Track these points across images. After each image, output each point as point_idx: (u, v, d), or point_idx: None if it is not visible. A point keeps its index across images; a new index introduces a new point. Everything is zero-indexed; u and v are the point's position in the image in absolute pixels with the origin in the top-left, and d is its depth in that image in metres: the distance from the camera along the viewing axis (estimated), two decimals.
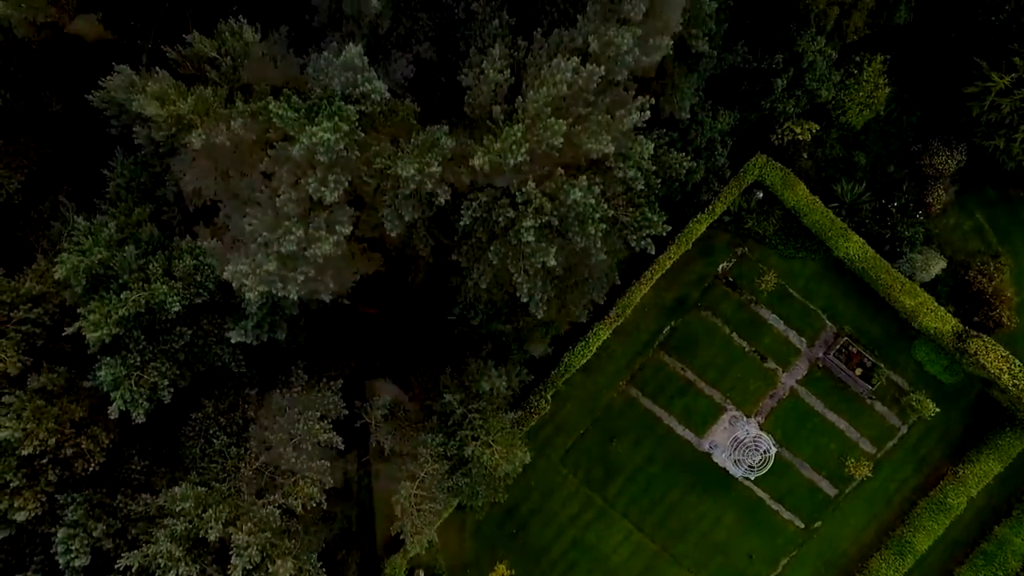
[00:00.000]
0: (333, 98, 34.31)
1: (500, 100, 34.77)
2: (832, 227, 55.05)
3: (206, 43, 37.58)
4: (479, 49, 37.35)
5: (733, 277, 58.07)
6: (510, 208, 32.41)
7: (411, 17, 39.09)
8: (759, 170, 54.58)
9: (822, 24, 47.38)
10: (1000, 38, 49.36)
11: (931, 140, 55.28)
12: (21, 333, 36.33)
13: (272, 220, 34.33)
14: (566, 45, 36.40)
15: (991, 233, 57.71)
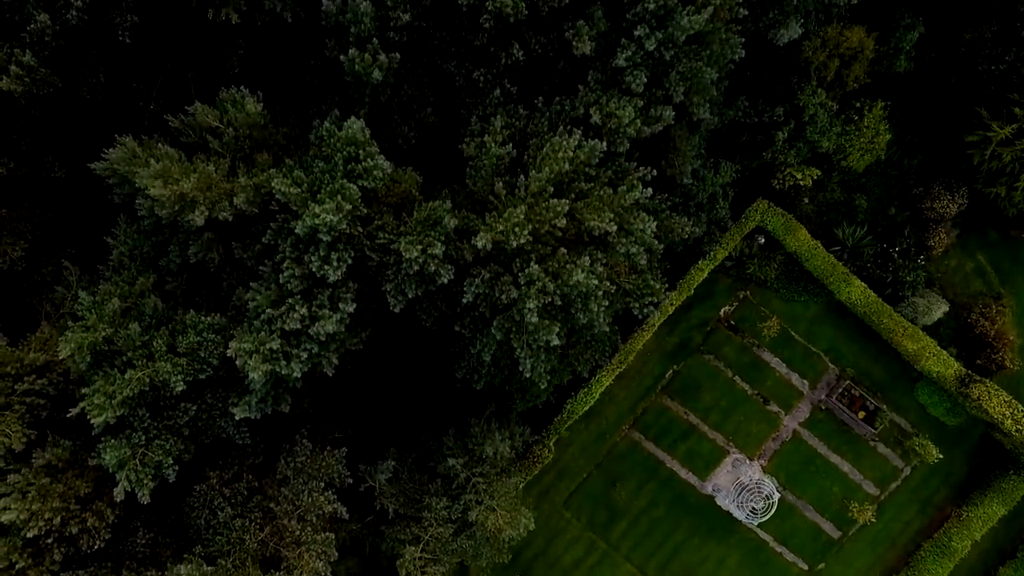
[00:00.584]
0: (335, 173, 34.37)
1: (502, 173, 34.85)
2: (834, 272, 55.08)
3: (208, 113, 37.68)
4: (480, 117, 37.43)
5: (735, 321, 58.11)
6: (513, 287, 32.48)
7: (413, 83, 39.18)
8: (760, 216, 54.63)
9: (822, 76, 47.47)
10: (1000, 87, 49.43)
11: (932, 184, 55.33)
12: (26, 405, 36.41)
13: (275, 295, 34.41)
14: (567, 114, 36.47)
15: (993, 275, 57.75)
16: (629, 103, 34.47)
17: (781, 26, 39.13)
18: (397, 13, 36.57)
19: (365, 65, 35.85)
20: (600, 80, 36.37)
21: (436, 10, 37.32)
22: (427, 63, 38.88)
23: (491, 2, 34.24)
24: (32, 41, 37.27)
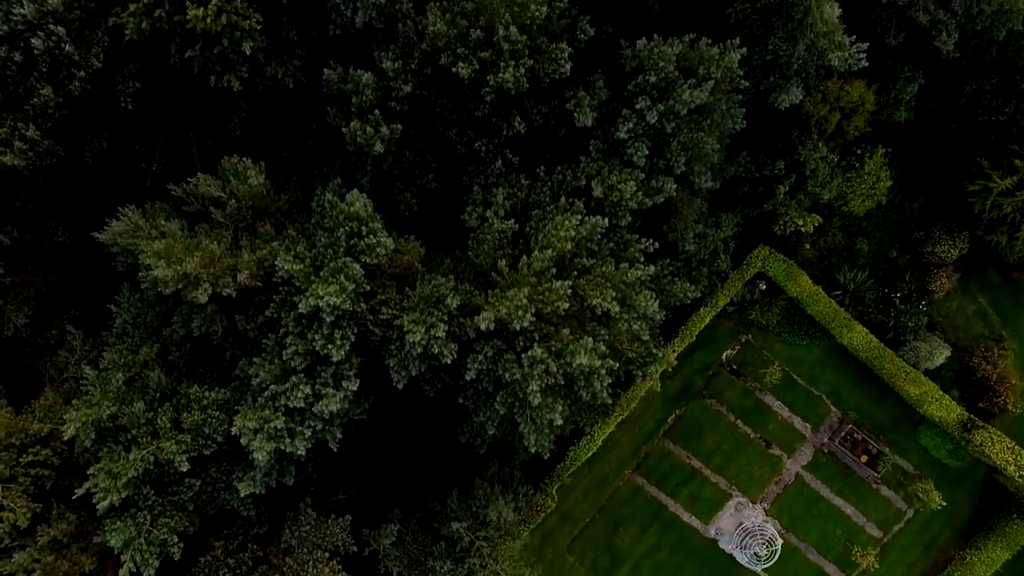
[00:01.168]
0: (338, 248, 34.47)
1: (504, 246, 34.96)
2: (836, 317, 55.12)
3: (211, 183, 37.80)
4: (482, 186, 37.54)
5: (737, 365, 58.17)
6: (516, 367, 32.59)
7: (415, 149, 39.29)
8: (762, 262, 54.70)
9: (823, 128, 47.55)
10: (1001, 137, 49.50)
11: (933, 228, 55.38)
12: (30, 477, 36.52)
13: (279, 370, 34.50)
14: (569, 184, 36.56)
15: (994, 317, 57.79)
16: (631, 176, 34.59)
17: (782, 90, 39.22)
18: (398, 84, 36.70)
19: (367, 137, 35.97)
20: (601, 149, 36.50)
21: (437, 80, 37.42)
22: (428, 129, 39.00)
23: (492, 77, 34.35)
24: (35, 114, 37.41)
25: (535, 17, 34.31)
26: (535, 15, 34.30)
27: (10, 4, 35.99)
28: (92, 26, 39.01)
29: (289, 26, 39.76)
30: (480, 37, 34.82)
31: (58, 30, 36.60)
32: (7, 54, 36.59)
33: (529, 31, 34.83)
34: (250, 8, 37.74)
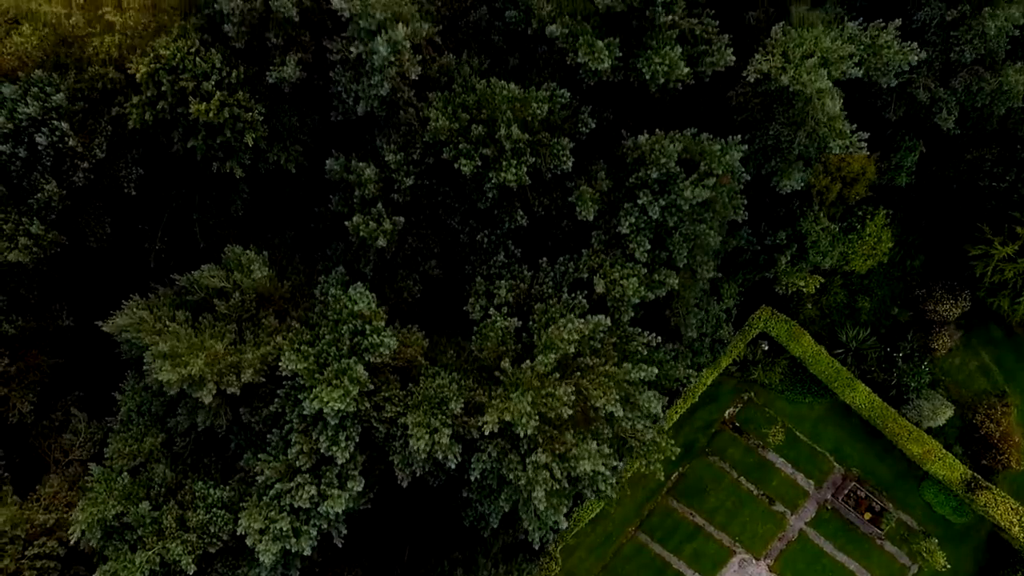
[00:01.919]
0: (342, 346, 34.60)
1: (508, 342, 35.10)
2: (838, 377, 55.21)
3: (215, 274, 37.92)
4: (484, 277, 37.67)
5: (739, 422, 58.24)
6: (520, 469, 32.71)
7: (417, 236, 39.42)
8: (764, 323, 54.81)
9: (825, 197, 47.68)
10: (1001, 203, 49.60)
11: (935, 286, 55.47)
12: (36, 571, 36.65)
13: (284, 467, 34.62)
14: (571, 275, 36.69)
15: (997, 372, 57.88)
16: (633, 271, 34.74)
17: (783, 175, 39.37)
18: (400, 176, 36.85)
19: (370, 231, 36.12)
20: (603, 240, 36.63)
21: (439, 170, 37.56)
22: (431, 217, 39.15)
23: (495, 174, 34.49)
24: (39, 208, 37.58)
25: (536, 114, 34.45)
26: (536, 112, 34.44)
27: (15, 103, 36.17)
28: (96, 115, 39.26)
29: (291, 112, 39.98)
30: (482, 133, 34.97)
31: (62, 125, 36.82)
32: (11, 150, 36.79)
33: (530, 127, 34.98)
34: (252, 99, 37.97)
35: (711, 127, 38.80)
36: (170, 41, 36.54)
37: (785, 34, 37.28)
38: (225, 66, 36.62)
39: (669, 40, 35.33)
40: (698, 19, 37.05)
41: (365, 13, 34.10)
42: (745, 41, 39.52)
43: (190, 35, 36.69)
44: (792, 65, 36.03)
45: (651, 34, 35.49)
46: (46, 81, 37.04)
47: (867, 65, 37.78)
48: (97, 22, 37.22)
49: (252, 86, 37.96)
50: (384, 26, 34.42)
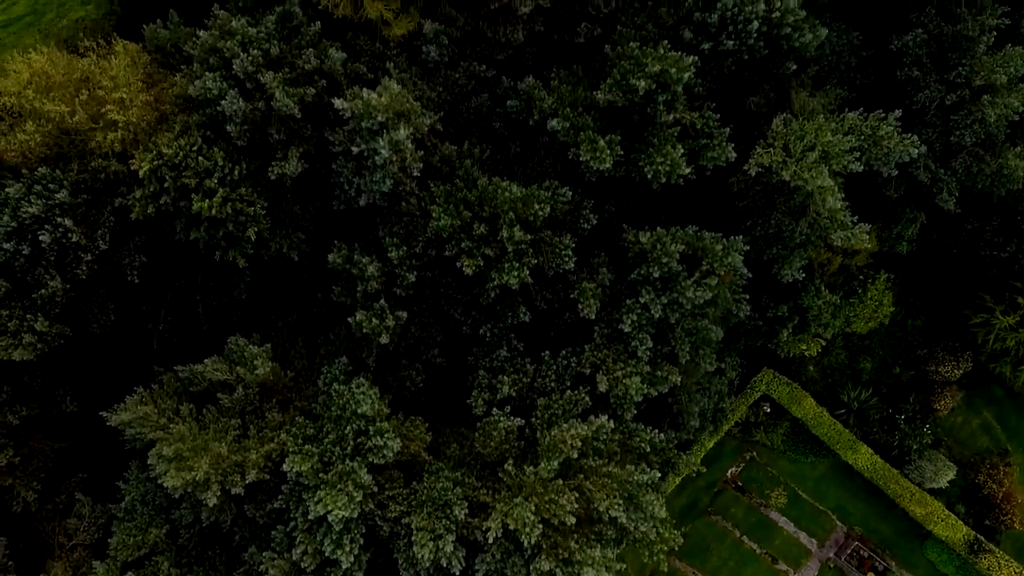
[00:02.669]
0: (346, 445, 34.72)
1: (511, 441, 35.23)
2: (840, 439, 55.29)
3: (219, 366, 38.04)
4: (487, 370, 37.76)
5: (742, 481, 58.28)
6: (524, 574, 32.78)
7: (420, 325, 39.52)
8: (766, 386, 54.93)
9: (826, 269, 47.77)
10: (1003, 271, 49.66)
11: (936, 348, 55.53)
12: None
13: (289, 568, 34.72)
14: (574, 369, 36.80)
15: (999, 430, 57.92)
16: (635, 369, 34.87)
17: (785, 263, 39.48)
18: (403, 271, 36.95)
19: (372, 328, 36.22)
20: (605, 334, 36.74)
21: (442, 263, 37.65)
22: (434, 306, 39.25)
23: (497, 275, 34.60)
24: (43, 303, 37.68)
25: (539, 215, 34.58)
26: (539, 213, 34.56)
27: (18, 202, 36.30)
28: (98, 206, 39.36)
29: (293, 201, 40.07)
30: (484, 232, 35.09)
31: (65, 222, 36.93)
32: (15, 247, 36.91)
33: (532, 226, 35.09)
34: (255, 193, 38.07)
35: (712, 213, 38.94)
36: (172, 138, 36.67)
37: (786, 125, 37.39)
38: (227, 163, 36.74)
39: (670, 138, 35.46)
40: (699, 112, 37.17)
41: (367, 113, 34.22)
42: (746, 128, 39.65)
43: (192, 132, 36.82)
44: (793, 159, 36.16)
45: (652, 131, 35.63)
46: (49, 178, 37.20)
47: (868, 155, 37.90)
48: (100, 118, 37.32)
49: (254, 179, 38.07)
50: (386, 126, 34.56)
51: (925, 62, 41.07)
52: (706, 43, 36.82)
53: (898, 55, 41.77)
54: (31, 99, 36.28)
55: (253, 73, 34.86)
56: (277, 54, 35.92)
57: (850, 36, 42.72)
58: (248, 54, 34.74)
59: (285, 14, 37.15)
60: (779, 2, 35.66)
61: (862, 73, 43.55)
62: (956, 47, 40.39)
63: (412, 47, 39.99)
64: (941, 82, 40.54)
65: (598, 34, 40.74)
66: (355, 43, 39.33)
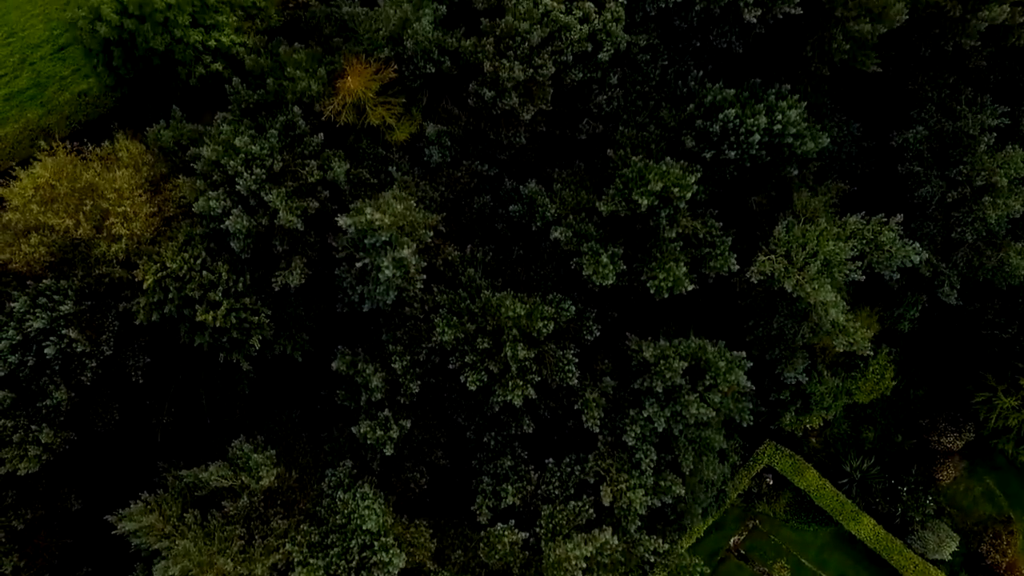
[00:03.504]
0: (351, 558, 34.82)
1: (516, 552, 35.33)
2: (843, 510, 55.37)
3: (223, 472, 38.13)
4: (491, 476, 37.85)
5: (745, 549, 58.33)
6: None
7: (424, 428, 39.61)
8: (768, 458, 55.01)
9: (828, 353, 47.86)
10: (1005, 350, 49.75)
11: (938, 418, 55.64)
12: None
13: None
14: (577, 477, 36.90)
15: (1002, 498, 58.01)
16: (639, 480, 35.01)
17: (787, 364, 39.59)
18: (407, 381, 37.04)
19: (377, 438, 36.35)
20: (608, 442, 36.82)
21: (445, 371, 37.73)
22: (437, 410, 39.35)
23: (501, 392, 34.72)
24: (48, 413, 37.79)
25: (542, 331, 34.71)
26: (542, 330, 34.69)
27: (23, 315, 36.43)
28: (103, 311, 39.51)
29: (297, 304, 40.16)
30: (488, 346, 35.19)
31: (70, 333, 37.06)
32: (21, 359, 37.03)
33: (536, 341, 35.22)
34: (259, 301, 38.20)
35: (714, 313, 39.05)
36: (176, 251, 36.82)
37: (788, 231, 37.50)
38: (231, 275, 36.89)
39: (673, 252, 35.60)
40: (701, 219, 37.30)
41: (371, 231, 34.34)
42: (748, 227, 39.78)
43: (196, 244, 36.96)
44: (795, 268, 36.26)
45: (655, 243, 35.76)
46: (54, 289, 37.34)
47: (870, 258, 38.00)
48: (104, 228, 37.42)
49: (258, 287, 38.19)
50: (391, 242, 34.68)
51: (926, 157, 41.20)
52: (708, 151, 36.99)
53: (899, 150, 41.90)
54: (35, 212, 36.40)
55: (256, 191, 34.97)
56: (280, 168, 36.03)
57: (851, 128, 42.88)
58: (251, 172, 34.87)
59: (287, 123, 37.30)
60: (781, 114, 35.81)
61: (863, 163, 43.71)
62: (957, 144, 40.55)
63: (414, 148, 40.14)
64: (942, 178, 40.69)
65: (600, 131, 40.92)
66: (357, 146, 39.47)
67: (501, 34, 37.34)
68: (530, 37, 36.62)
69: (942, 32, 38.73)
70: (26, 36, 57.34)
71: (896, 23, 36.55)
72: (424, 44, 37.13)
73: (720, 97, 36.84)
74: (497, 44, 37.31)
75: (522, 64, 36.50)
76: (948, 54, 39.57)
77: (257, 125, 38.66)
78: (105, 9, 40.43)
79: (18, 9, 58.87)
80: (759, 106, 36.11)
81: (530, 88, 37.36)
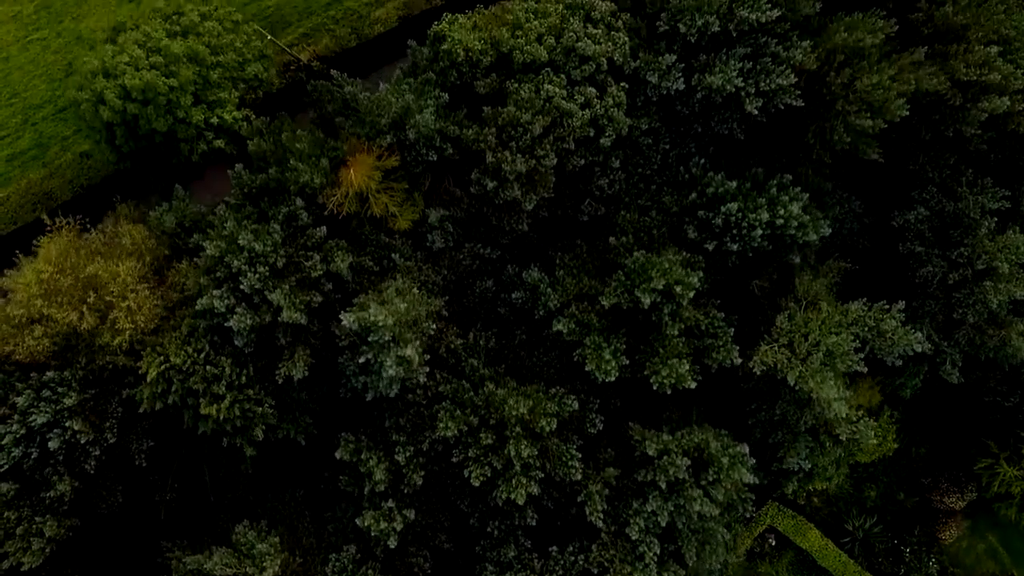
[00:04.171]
0: None
1: None
2: (846, 570, 55.36)
3: (228, 560, 38.12)
4: (494, 564, 37.85)
5: None
6: None
7: (427, 513, 39.63)
8: (771, 518, 55.02)
9: (831, 425, 47.82)
10: (1007, 418, 49.76)
11: (940, 478, 55.63)
12: None
13: None
14: (581, 567, 36.91)
15: (1005, 555, 57.97)
16: (642, 573, 35.00)
17: (790, 449, 39.64)
18: (410, 472, 37.07)
19: (381, 530, 36.37)
20: (612, 531, 36.83)
21: (449, 460, 37.72)
22: (441, 496, 39.36)
23: (505, 488, 34.75)
24: (52, 504, 37.81)
25: (545, 429, 34.77)
26: (545, 427, 34.76)
27: (27, 411, 36.47)
28: (106, 397, 39.57)
29: (300, 389, 40.20)
30: (491, 442, 35.23)
31: (73, 426, 37.11)
32: (24, 451, 37.07)
33: (539, 436, 35.27)
34: (262, 391, 38.24)
35: (717, 396, 39.09)
36: (180, 344, 36.85)
37: (790, 320, 37.54)
38: (235, 368, 36.93)
39: (676, 348, 35.65)
40: (704, 311, 37.36)
41: (375, 329, 34.38)
42: (750, 311, 39.81)
43: (199, 338, 37.01)
44: (798, 359, 36.31)
45: (658, 337, 35.83)
46: (58, 381, 37.40)
47: (872, 344, 38.03)
48: (108, 319, 37.45)
49: (262, 376, 38.22)
50: (395, 339, 34.73)
51: (927, 237, 41.26)
52: (710, 242, 37.07)
53: (900, 229, 41.96)
54: (39, 307, 36.43)
55: (260, 289, 35.03)
56: (284, 263, 36.09)
57: (852, 204, 42.93)
58: (255, 272, 34.93)
59: (290, 214, 37.35)
60: (783, 208, 35.88)
61: (864, 238, 43.75)
62: (958, 224, 40.63)
63: (417, 233, 40.19)
64: (943, 258, 40.75)
65: (602, 213, 40.99)
66: (360, 232, 39.52)
67: (503, 124, 37.43)
68: (532, 128, 36.71)
69: (942, 118, 38.84)
70: (28, 96, 57.42)
71: (897, 118, 36.68)
72: (427, 132, 37.22)
73: (722, 190, 36.94)
74: (499, 134, 37.39)
75: (524, 156, 36.59)
76: (949, 137, 39.65)
77: (260, 211, 38.77)
78: (109, 94, 40.51)
79: (20, 70, 58.95)
80: (761, 200, 36.19)
81: (532, 178, 37.43)
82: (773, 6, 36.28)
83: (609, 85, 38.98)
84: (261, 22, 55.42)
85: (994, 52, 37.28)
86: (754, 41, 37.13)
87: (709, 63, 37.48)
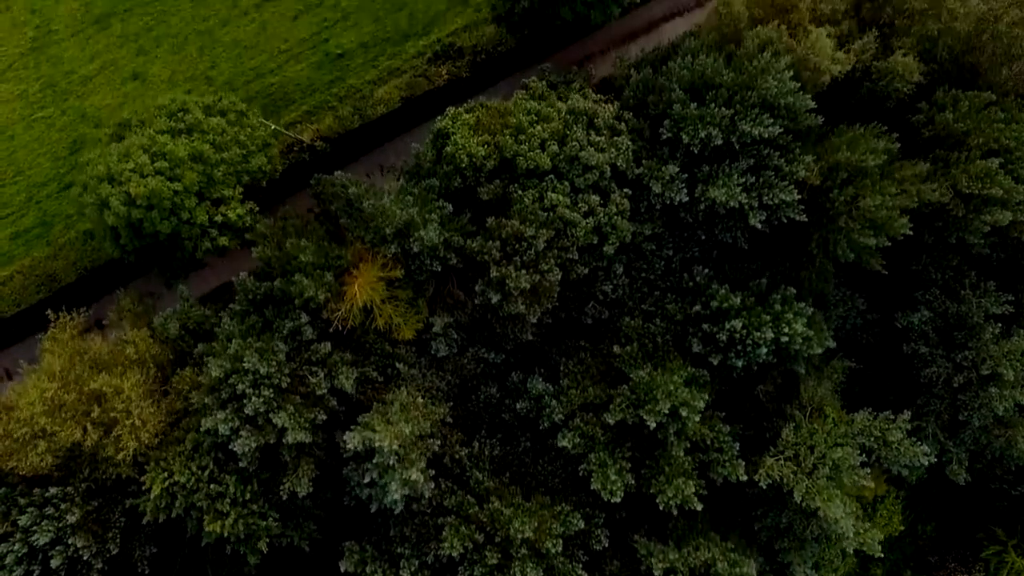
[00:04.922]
0: None
1: None
2: None
3: None
4: None
5: None
6: None
7: None
8: None
9: None
10: (1013, 505, 49.54)
11: (947, 557, 55.33)
12: None
13: None
14: None
15: None
16: None
17: (796, 555, 39.44)
18: None
19: None
20: None
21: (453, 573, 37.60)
22: None
23: None
24: None
25: (551, 551, 34.63)
26: (550, 550, 34.62)
27: (29, 530, 36.37)
28: (110, 506, 39.47)
29: (304, 496, 40.02)
30: (497, 561, 35.07)
31: (76, 542, 36.98)
32: (27, 570, 36.94)
33: (544, 556, 35.11)
34: (266, 504, 38.10)
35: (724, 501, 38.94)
36: (184, 461, 36.76)
37: (795, 432, 37.46)
38: (239, 485, 36.83)
39: (682, 467, 35.58)
40: (709, 425, 37.30)
41: (380, 452, 34.32)
42: (754, 417, 39.75)
43: (203, 455, 36.94)
44: (803, 473, 36.20)
45: (663, 455, 35.77)
46: (60, 497, 37.31)
47: (878, 454, 37.94)
48: (111, 433, 37.39)
49: (266, 489, 38.11)
50: (401, 459, 34.65)
51: (932, 337, 41.23)
52: (715, 356, 37.08)
53: (904, 330, 41.95)
54: (42, 424, 36.36)
55: (265, 411, 35.01)
56: (288, 383, 36.07)
57: (855, 302, 42.93)
58: (259, 395, 34.90)
59: (295, 330, 37.35)
60: (787, 326, 35.89)
61: (868, 334, 43.73)
62: (962, 326, 40.60)
63: (421, 340, 40.17)
64: (948, 359, 40.71)
65: (606, 317, 40.97)
66: (364, 340, 39.49)
67: (507, 236, 37.49)
68: (536, 243, 36.77)
69: (945, 226, 38.93)
70: (32, 175, 57.69)
71: (900, 236, 36.75)
72: (431, 245, 37.29)
73: (727, 304, 36.96)
74: (503, 247, 37.44)
75: (528, 271, 36.62)
76: (951, 242, 39.76)
77: (265, 320, 38.78)
78: (113, 201, 40.54)
79: (25, 148, 59.22)
80: (765, 316, 36.20)
81: (536, 291, 37.47)
82: (774, 119, 36.42)
83: (612, 191, 39.05)
84: (264, 99, 55.77)
85: (995, 165, 37.42)
86: (756, 153, 37.25)
87: (712, 174, 37.59)
